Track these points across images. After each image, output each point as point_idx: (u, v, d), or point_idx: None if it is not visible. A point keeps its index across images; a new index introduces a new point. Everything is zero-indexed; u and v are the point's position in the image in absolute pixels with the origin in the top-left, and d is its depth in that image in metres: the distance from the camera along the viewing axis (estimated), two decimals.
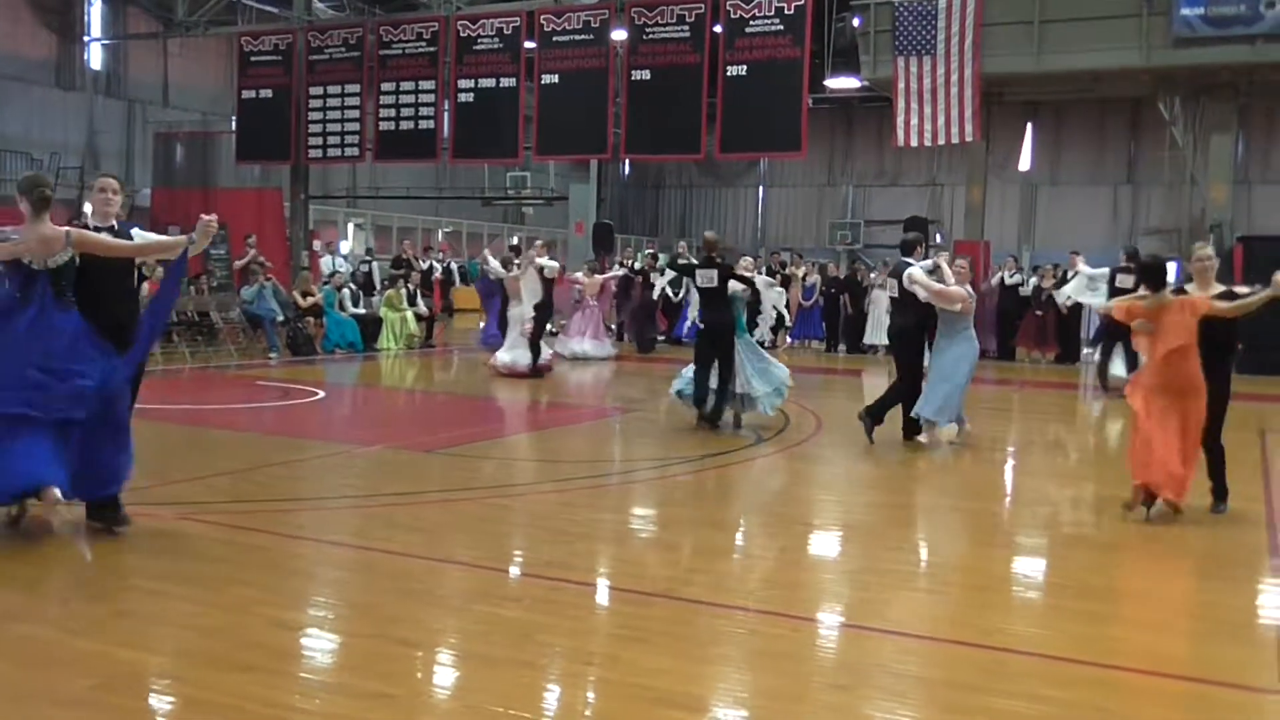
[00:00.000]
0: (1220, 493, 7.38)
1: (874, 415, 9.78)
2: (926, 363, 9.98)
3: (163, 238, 6.14)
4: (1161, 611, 5.46)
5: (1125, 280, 14.27)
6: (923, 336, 9.74)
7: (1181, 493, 7.03)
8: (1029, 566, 6.40)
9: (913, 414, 9.78)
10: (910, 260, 9.80)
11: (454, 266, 27.67)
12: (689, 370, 10.69)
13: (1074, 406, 13.83)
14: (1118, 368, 14.19)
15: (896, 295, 9.97)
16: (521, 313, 15.10)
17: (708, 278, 10.42)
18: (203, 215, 6.08)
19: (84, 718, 3.77)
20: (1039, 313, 18.99)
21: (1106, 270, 15.32)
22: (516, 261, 16.08)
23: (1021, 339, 19.34)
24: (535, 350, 15.03)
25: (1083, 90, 23.44)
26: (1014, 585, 5.91)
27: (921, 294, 9.52)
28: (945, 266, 9.74)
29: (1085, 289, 16.01)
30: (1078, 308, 17.89)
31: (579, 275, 19.02)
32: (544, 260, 15.22)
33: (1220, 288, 7.19)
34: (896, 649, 4.73)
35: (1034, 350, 19.31)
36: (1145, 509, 7.18)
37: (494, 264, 17.20)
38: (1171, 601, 5.67)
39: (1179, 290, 7.30)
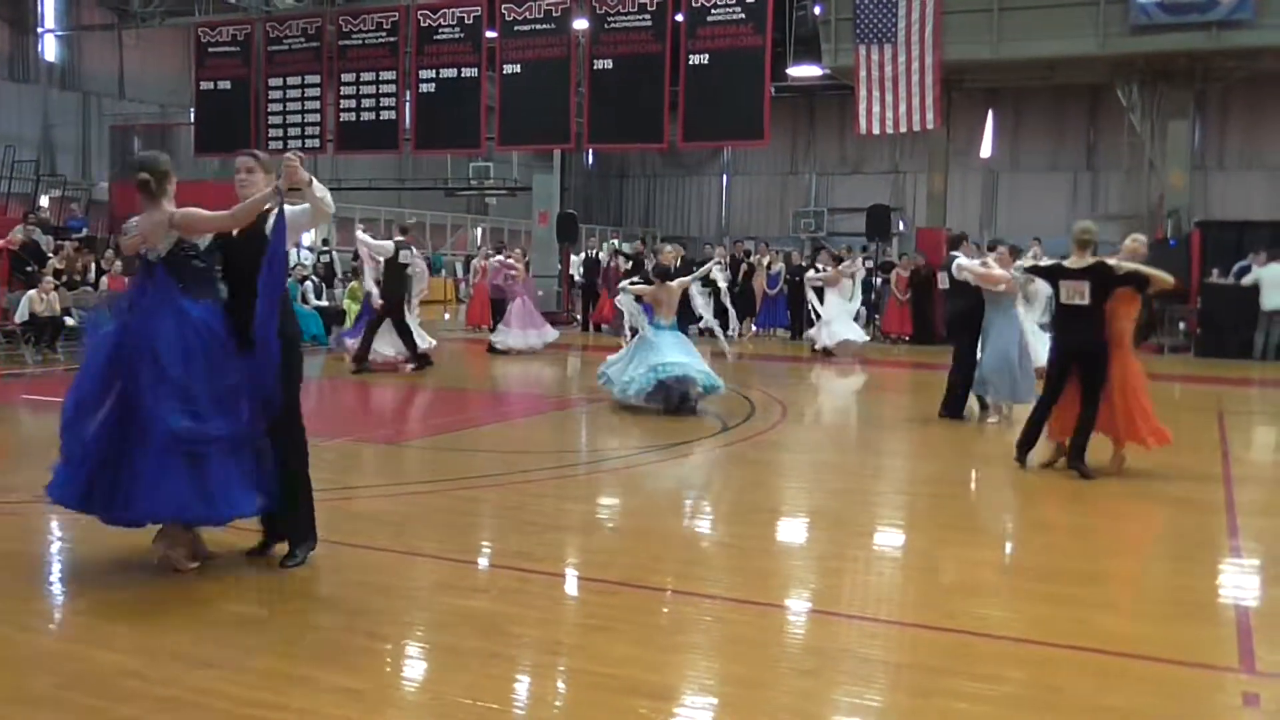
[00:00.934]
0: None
1: (952, 412, 10.89)
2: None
3: (251, 199, 5.18)
4: (1123, 593, 5.53)
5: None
6: (979, 318, 10.68)
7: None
8: (993, 550, 6.47)
9: (977, 394, 10.81)
10: (958, 253, 10.92)
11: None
12: None
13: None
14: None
15: (948, 286, 11.14)
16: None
17: None
18: (287, 155, 5.16)
19: (48, 717, 3.73)
20: None
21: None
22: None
23: None
24: (393, 339, 14.43)
25: (1042, 77, 23.65)
26: (978, 569, 5.96)
27: (970, 279, 10.51)
28: (988, 255, 10.93)
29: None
30: None
31: (508, 259, 18.26)
32: (369, 238, 14.71)
33: (1092, 260, 7.89)
34: (862, 634, 4.77)
35: None
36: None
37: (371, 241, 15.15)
38: (1133, 583, 5.75)
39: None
